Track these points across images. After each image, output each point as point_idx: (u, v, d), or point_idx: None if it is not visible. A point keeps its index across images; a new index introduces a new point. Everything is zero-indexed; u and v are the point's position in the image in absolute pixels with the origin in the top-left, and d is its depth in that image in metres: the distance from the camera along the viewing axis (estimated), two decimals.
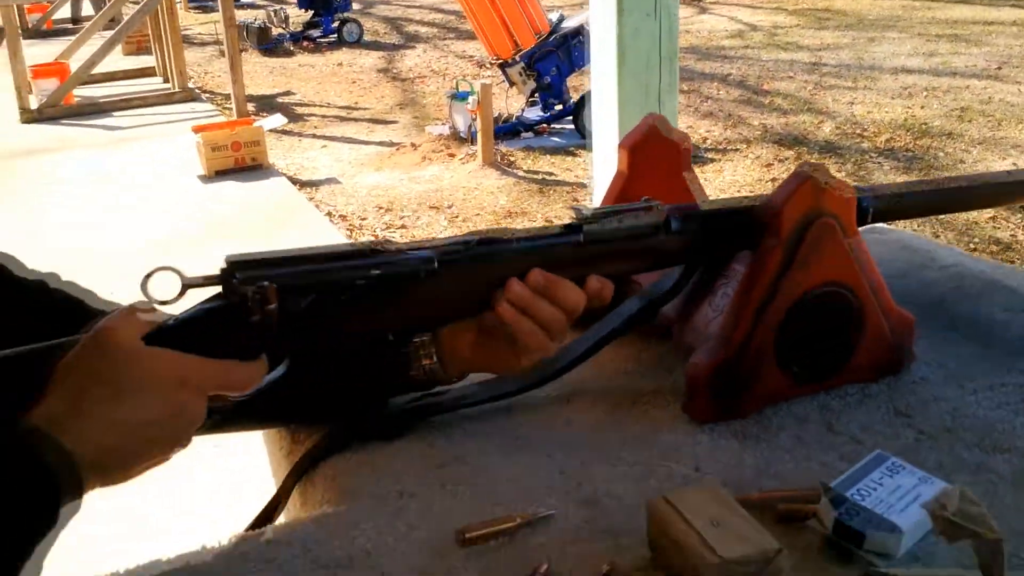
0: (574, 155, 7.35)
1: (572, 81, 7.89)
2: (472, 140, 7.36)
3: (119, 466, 0.79)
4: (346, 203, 6.60)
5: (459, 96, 7.55)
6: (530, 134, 7.92)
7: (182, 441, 0.82)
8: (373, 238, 1.03)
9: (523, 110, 8.13)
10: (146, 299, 0.83)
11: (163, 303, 0.83)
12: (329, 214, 6.34)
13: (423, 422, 1.10)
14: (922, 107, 8.08)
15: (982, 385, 1.09)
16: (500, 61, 7.98)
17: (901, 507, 0.82)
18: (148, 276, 0.83)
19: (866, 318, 1.08)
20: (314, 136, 8.38)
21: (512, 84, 8.02)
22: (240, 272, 0.84)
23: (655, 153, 1.28)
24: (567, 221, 1.01)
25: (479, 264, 0.96)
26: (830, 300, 1.06)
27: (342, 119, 8.93)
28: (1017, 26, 10.91)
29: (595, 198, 2.65)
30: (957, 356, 1.16)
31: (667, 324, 1.20)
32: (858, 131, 7.62)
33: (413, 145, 7.82)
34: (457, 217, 6.18)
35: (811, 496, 0.87)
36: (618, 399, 1.14)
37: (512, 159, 7.29)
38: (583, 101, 7.42)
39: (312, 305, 0.87)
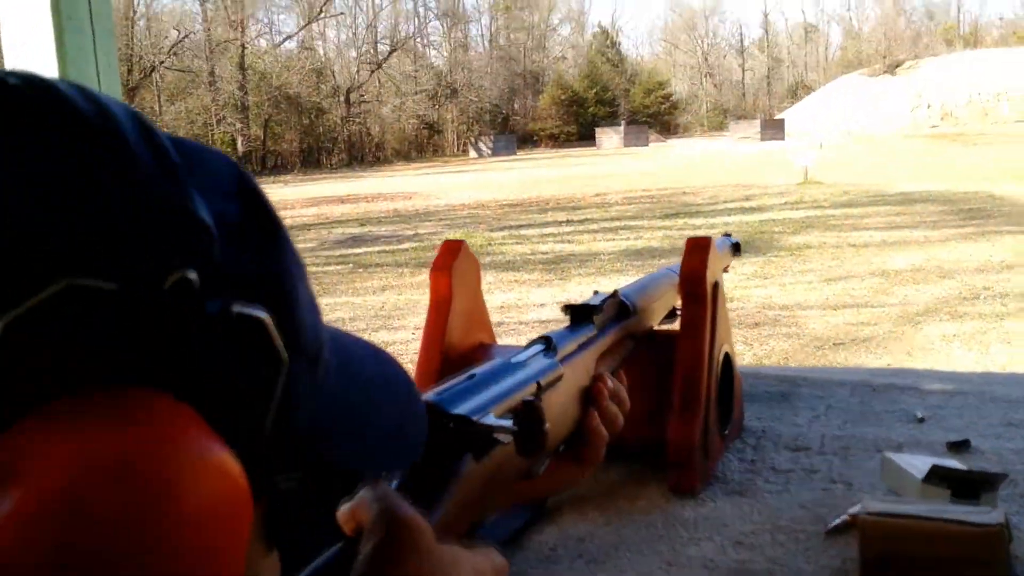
0: None
1: None
2: None
3: None
4: None
5: None
6: None
7: None
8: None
9: None
10: None
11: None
12: None
13: None
14: None
15: (799, 407, 1.31)
16: None
17: None
18: None
19: (734, 376, 1.22)
20: None
21: None
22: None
23: (467, 271, 1.25)
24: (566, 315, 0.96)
25: (580, 356, 0.87)
26: (726, 361, 1.18)
27: None
28: None
29: None
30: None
31: None
32: None
33: None
34: None
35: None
36: (608, 501, 1.05)
37: None
38: None
39: None
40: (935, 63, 47.91)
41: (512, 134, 48.04)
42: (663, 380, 1.11)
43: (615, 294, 1.03)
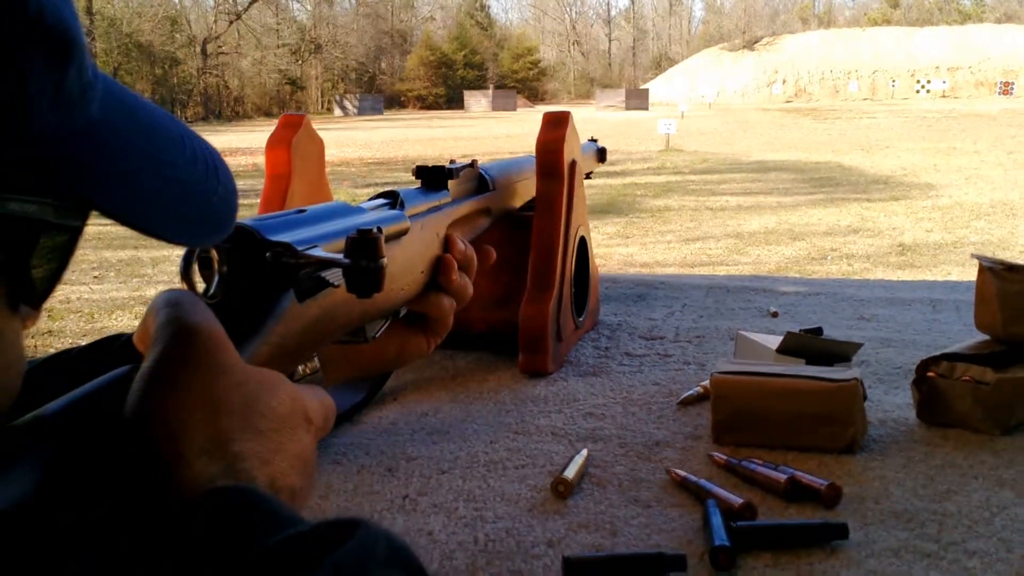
0: None
1: None
2: None
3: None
4: None
5: None
6: None
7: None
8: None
9: None
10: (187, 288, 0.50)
11: (210, 297, 0.51)
12: None
13: None
14: None
15: (654, 305, 1.28)
16: None
17: None
18: (190, 259, 0.50)
19: (590, 263, 1.17)
20: None
21: None
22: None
23: (308, 149, 1.16)
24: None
25: (431, 217, 0.78)
26: (582, 246, 1.13)
27: None
28: None
29: None
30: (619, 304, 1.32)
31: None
32: None
33: None
34: None
35: None
36: (455, 384, 0.99)
37: None
38: None
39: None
40: (791, 40, 49.81)
41: (379, 94, 47.22)
42: (517, 263, 1.05)
43: (473, 164, 0.95)
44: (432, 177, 0.85)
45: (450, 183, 0.86)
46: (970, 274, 0.97)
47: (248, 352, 0.50)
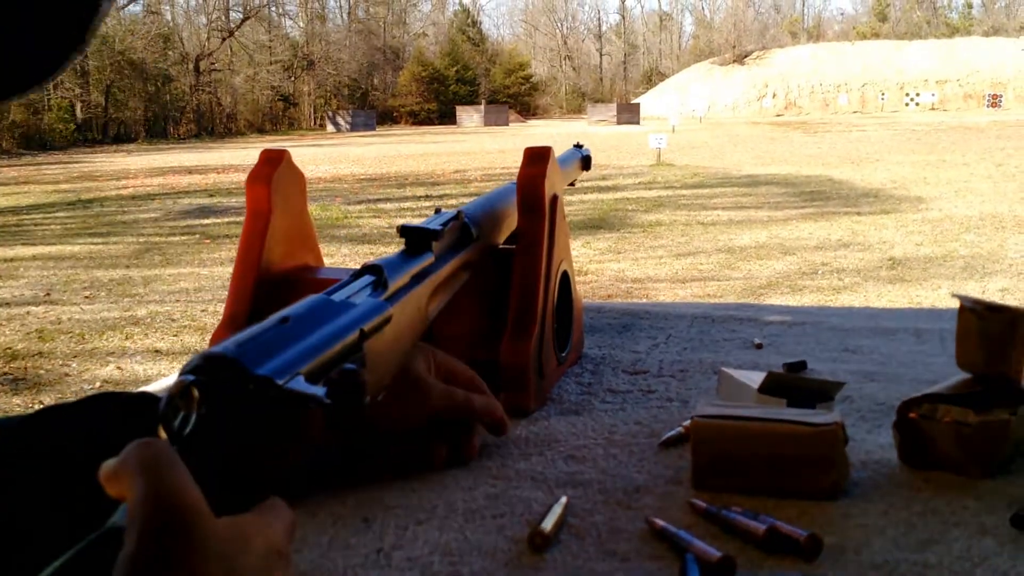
0: None
1: None
2: None
3: None
4: None
5: None
6: None
7: None
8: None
9: None
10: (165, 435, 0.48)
11: (187, 435, 0.48)
12: None
13: None
14: (2, 336, 7.63)
15: (639, 337, 1.27)
16: None
17: None
18: (172, 399, 0.48)
19: (573, 297, 1.17)
20: None
21: None
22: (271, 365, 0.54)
23: (290, 185, 1.15)
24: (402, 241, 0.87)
25: (414, 292, 0.79)
26: (565, 280, 1.12)
27: None
28: (54, 260, 11.18)
29: None
30: (603, 335, 1.32)
31: None
32: None
33: None
34: None
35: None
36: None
37: None
38: None
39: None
40: (781, 55, 50.08)
41: (372, 109, 47.29)
42: (501, 298, 1.04)
43: (459, 216, 0.94)
44: (416, 239, 0.85)
45: (434, 244, 0.86)
46: (960, 289, 0.95)
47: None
